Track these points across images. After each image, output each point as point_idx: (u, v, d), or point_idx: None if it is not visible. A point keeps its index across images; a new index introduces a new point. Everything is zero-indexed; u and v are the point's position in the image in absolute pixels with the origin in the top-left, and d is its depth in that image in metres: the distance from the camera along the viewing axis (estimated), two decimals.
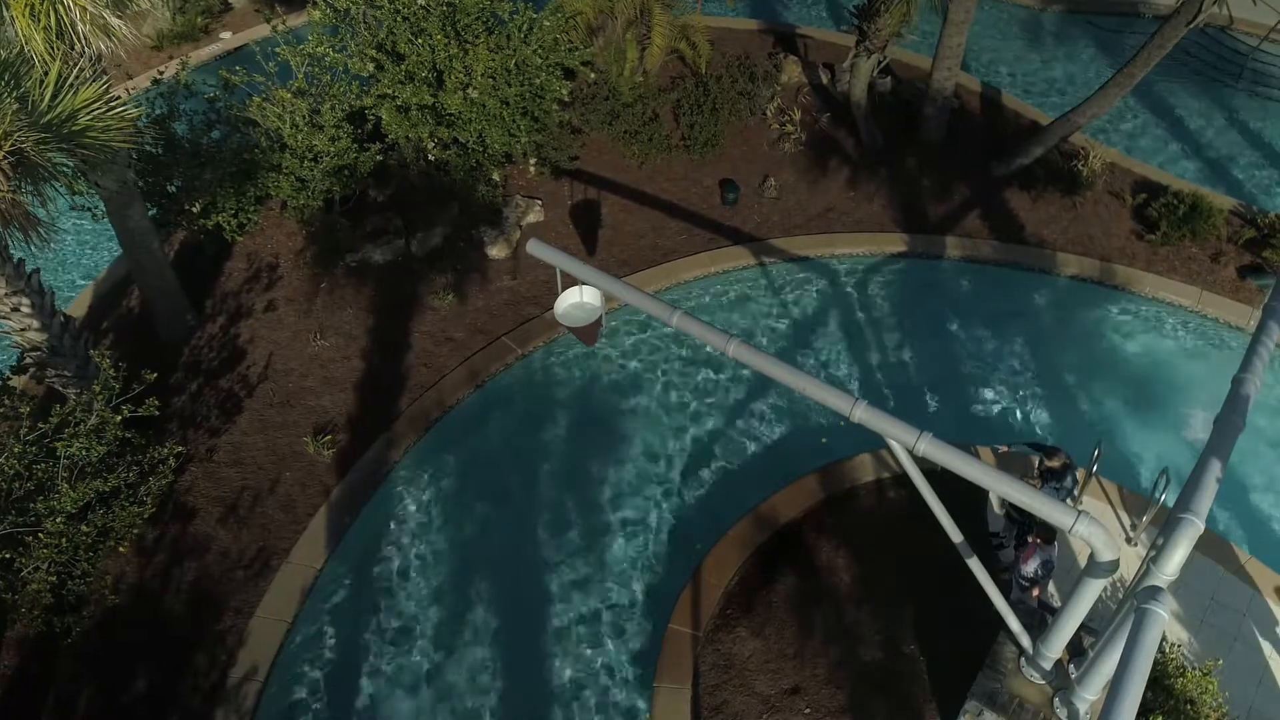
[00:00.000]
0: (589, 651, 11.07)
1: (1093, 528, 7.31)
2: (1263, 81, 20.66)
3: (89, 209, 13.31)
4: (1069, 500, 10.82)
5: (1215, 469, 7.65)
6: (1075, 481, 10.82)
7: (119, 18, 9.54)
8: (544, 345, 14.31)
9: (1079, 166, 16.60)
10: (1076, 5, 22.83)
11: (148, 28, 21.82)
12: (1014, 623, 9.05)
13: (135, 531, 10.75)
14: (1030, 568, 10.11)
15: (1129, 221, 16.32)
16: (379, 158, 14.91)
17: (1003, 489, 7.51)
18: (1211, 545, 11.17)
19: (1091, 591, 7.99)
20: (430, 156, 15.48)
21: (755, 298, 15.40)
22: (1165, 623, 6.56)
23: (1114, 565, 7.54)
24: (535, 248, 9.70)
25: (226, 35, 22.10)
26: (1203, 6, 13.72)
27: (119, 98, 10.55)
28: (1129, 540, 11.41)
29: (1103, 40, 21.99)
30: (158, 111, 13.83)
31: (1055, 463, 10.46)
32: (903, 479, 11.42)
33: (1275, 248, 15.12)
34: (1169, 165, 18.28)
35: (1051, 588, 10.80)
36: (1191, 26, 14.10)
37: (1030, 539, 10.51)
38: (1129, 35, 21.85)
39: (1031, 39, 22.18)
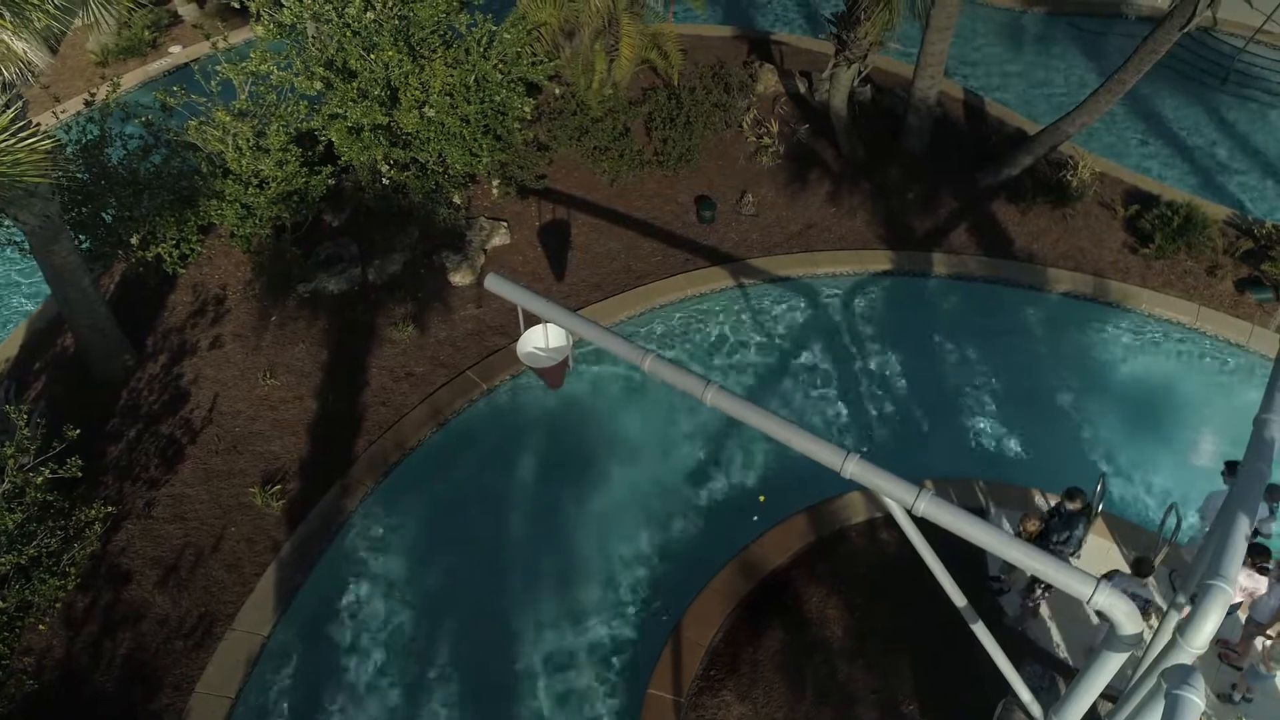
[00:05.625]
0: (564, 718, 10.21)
1: (1114, 599, 6.53)
2: (1248, 84, 20.14)
3: (14, 242, 12.31)
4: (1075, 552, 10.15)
5: (1243, 525, 6.90)
6: (1084, 531, 10.10)
7: (22, 41, 8.56)
8: (511, 379, 13.43)
9: (1068, 176, 15.93)
10: (1058, 7, 22.25)
11: (91, 43, 20.78)
12: (1024, 692, 8.26)
13: (58, 606, 9.75)
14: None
15: (1121, 233, 15.66)
16: (332, 181, 13.99)
17: (1013, 555, 6.73)
18: None
19: (1112, 665, 7.22)
20: (386, 179, 14.55)
21: (734, 323, 14.59)
22: (1201, 710, 5.81)
23: (1137, 639, 6.79)
24: (494, 283, 8.74)
25: (176, 50, 21.03)
26: (1197, 9, 13.07)
27: (33, 126, 9.62)
28: None
29: (1086, 42, 21.41)
30: (89, 137, 12.84)
31: (1076, 505, 9.72)
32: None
33: (1274, 259, 14.51)
34: (1158, 173, 17.69)
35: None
36: (1185, 30, 13.46)
37: (1039, 589, 9.89)
38: (1112, 37, 21.30)
39: (1013, 43, 21.57)
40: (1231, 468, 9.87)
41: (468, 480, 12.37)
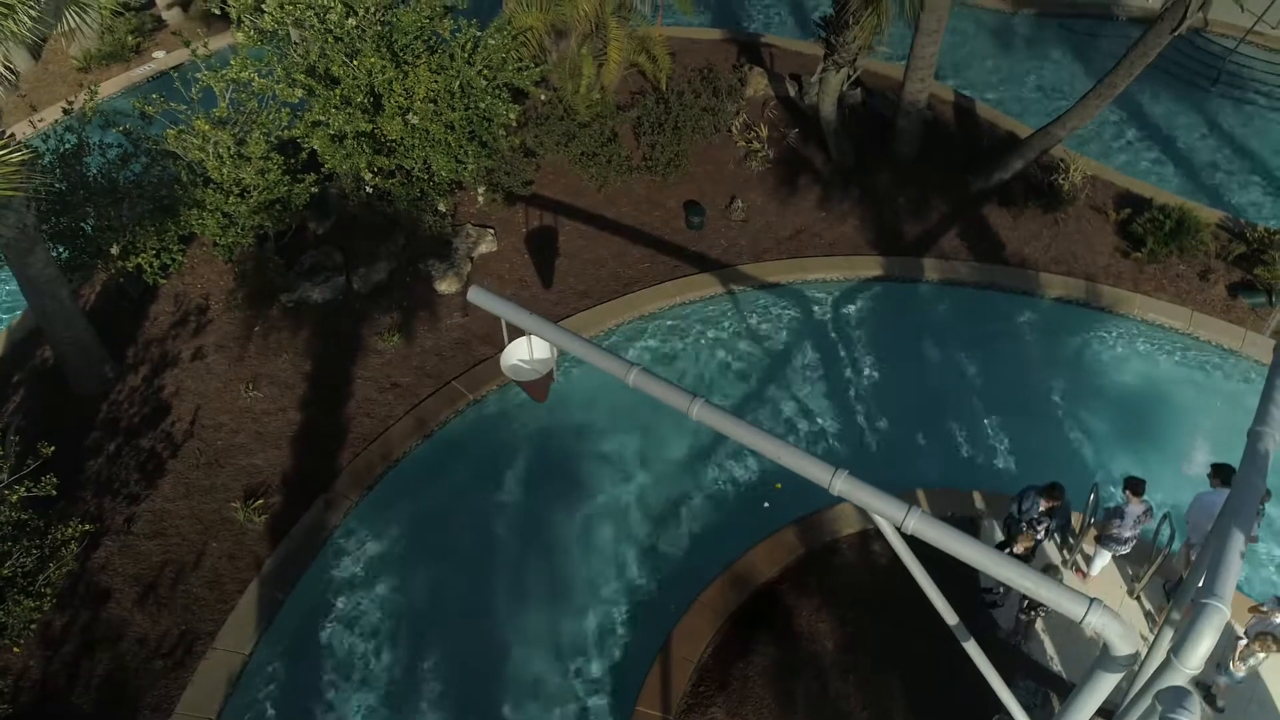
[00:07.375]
0: None
1: (1107, 618, 6.39)
2: (1239, 85, 20.07)
3: None
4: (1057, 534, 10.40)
5: (1238, 541, 6.75)
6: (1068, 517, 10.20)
7: None
8: (498, 389, 13.25)
9: (1059, 180, 15.82)
10: (1048, 9, 22.17)
11: (74, 49, 20.54)
12: (1017, 710, 8.12)
13: (33, 627, 9.55)
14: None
15: (1113, 238, 15.56)
16: (315, 189, 13.79)
17: (1004, 574, 6.60)
18: None
19: (1105, 685, 7.08)
20: (370, 187, 14.36)
21: (723, 331, 14.42)
22: None
23: (1132, 659, 6.65)
24: (476, 295, 8.56)
25: (160, 55, 20.81)
26: (1188, 12, 12.97)
27: (5, 137, 9.44)
28: (1130, 593, 10.59)
29: (1077, 45, 21.32)
30: (66, 146, 12.63)
31: (1057, 501, 9.70)
32: None
33: (1267, 264, 14.41)
34: (1150, 176, 17.59)
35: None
36: (1176, 33, 13.35)
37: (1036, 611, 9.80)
38: (1103, 39, 21.21)
39: (1003, 45, 21.46)
40: (1218, 470, 9.76)
41: (454, 493, 12.19)
